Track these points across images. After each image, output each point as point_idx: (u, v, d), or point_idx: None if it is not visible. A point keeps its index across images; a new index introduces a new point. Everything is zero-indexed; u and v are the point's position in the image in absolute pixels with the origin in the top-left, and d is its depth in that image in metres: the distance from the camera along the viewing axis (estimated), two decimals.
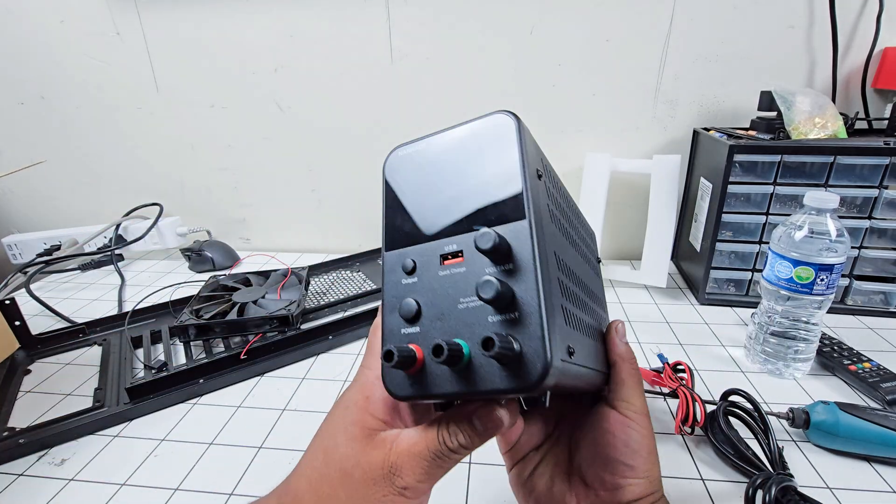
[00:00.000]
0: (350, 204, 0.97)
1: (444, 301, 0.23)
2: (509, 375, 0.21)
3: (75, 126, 0.97)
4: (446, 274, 0.24)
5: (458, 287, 0.23)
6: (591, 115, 0.83)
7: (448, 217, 0.25)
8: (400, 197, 0.27)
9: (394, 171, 0.27)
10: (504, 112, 0.24)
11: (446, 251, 0.24)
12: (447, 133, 0.26)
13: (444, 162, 0.26)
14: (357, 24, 0.82)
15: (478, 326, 0.22)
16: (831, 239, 0.49)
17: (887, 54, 0.72)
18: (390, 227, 0.27)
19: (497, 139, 0.24)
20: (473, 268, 0.23)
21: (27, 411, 0.53)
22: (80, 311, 0.76)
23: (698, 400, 0.46)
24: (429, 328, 0.23)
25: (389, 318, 0.25)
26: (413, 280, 0.25)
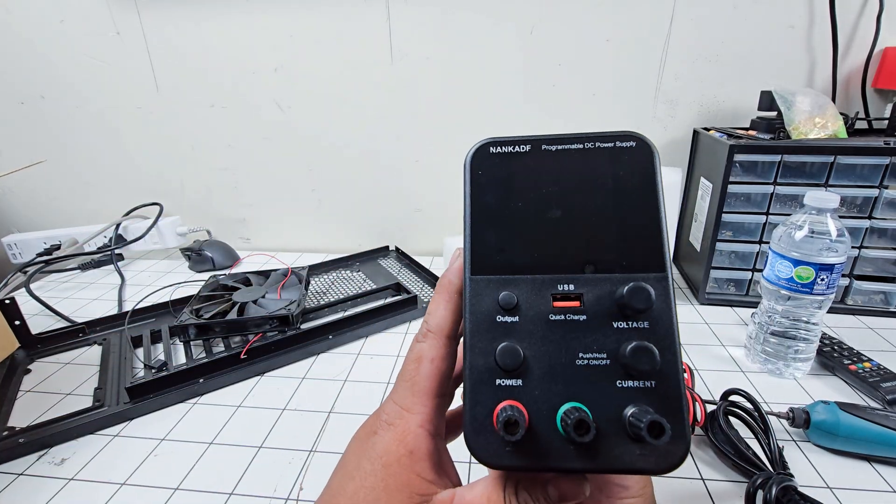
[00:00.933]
0: (350, 204, 0.97)
1: (557, 353, 0.20)
2: (647, 455, 0.18)
3: (75, 126, 0.97)
4: (559, 319, 0.20)
5: (574, 338, 0.20)
6: (591, 115, 0.83)
7: (563, 249, 0.21)
8: (494, 208, 0.22)
9: (485, 171, 0.22)
10: (641, 137, 0.21)
11: (560, 291, 0.20)
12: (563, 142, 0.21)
13: (559, 177, 0.21)
14: (357, 24, 0.82)
15: (603, 391, 0.19)
16: (831, 239, 0.49)
17: (887, 54, 0.72)
18: (480, 244, 0.22)
19: (634, 169, 0.21)
20: (597, 318, 0.20)
21: (27, 411, 0.53)
22: (79, 311, 0.76)
23: (698, 400, 0.45)
24: (535, 385, 0.20)
25: (477, 361, 0.20)
26: (513, 320, 0.20)
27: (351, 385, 0.56)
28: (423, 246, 0.94)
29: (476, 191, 0.22)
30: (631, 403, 0.19)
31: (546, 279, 0.21)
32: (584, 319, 0.20)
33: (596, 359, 0.19)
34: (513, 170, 0.22)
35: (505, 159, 0.22)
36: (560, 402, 0.19)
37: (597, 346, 0.19)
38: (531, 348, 0.20)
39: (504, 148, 0.22)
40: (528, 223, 0.21)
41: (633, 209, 0.20)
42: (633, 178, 0.21)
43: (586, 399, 0.19)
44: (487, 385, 0.20)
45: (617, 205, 0.21)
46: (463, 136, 0.87)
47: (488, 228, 0.22)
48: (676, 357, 0.19)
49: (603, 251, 0.20)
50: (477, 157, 0.23)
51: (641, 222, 0.20)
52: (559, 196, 0.21)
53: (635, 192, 0.21)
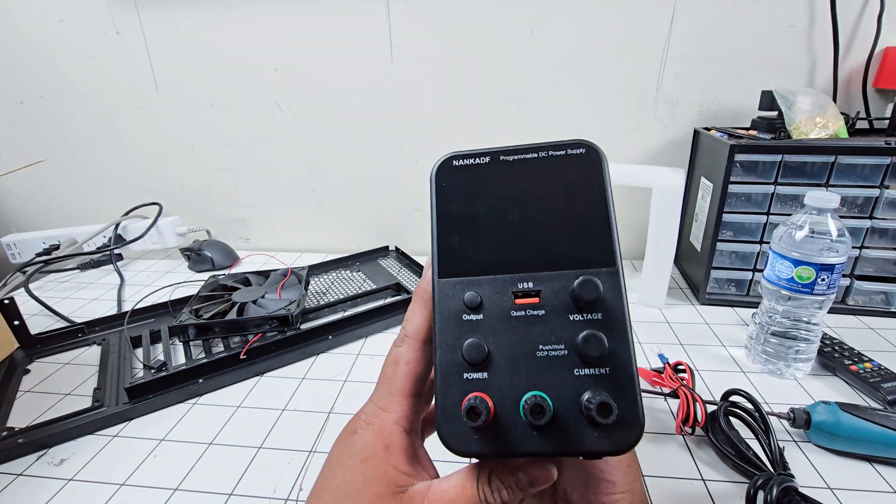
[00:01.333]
0: (350, 204, 0.97)
1: (519, 346, 0.21)
2: (604, 437, 0.20)
3: (74, 125, 0.97)
4: (520, 315, 0.21)
5: (534, 332, 0.21)
6: (591, 115, 0.83)
7: (521, 250, 0.22)
8: (457, 215, 0.23)
9: (449, 183, 0.24)
10: (589, 144, 0.23)
11: (521, 288, 0.22)
12: (518, 152, 0.23)
13: (516, 184, 0.23)
14: (357, 23, 0.82)
15: (562, 379, 0.20)
16: (832, 239, 0.49)
17: (888, 54, 0.72)
18: (445, 249, 0.23)
19: (584, 173, 0.22)
20: (554, 312, 0.21)
21: (26, 411, 0.53)
22: (79, 311, 0.76)
23: (699, 400, 0.45)
24: (500, 376, 0.21)
25: (446, 357, 0.22)
26: (478, 317, 0.22)
27: (351, 385, 0.56)
28: (423, 246, 0.94)
29: (441, 201, 0.24)
30: (587, 389, 0.20)
31: (507, 278, 0.22)
32: (542, 314, 0.21)
33: (555, 349, 0.21)
34: (474, 180, 0.24)
35: (467, 171, 0.24)
36: (522, 392, 0.20)
37: (555, 338, 0.21)
38: (495, 343, 0.21)
39: (466, 161, 0.24)
40: (489, 228, 0.23)
41: (584, 210, 0.22)
42: (584, 182, 0.22)
43: (547, 387, 0.20)
44: (456, 378, 0.21)
45: (569, 207, 0.22)
46: (463, 135, 0.87)
47: (453, 235, 0.23)
48: (628, 344, 0.20)
49: (558, 250, 0.22)
50: (441, 170, 0.24)
51: (592, 221, 0.22)
52: (516, 202, 0.23)
53: (586, 195, 0.22)
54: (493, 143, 0.81)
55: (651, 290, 0.70)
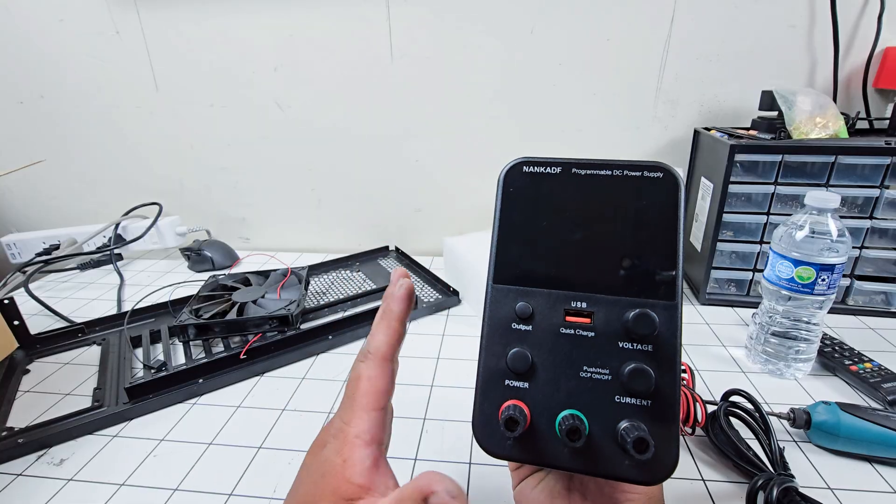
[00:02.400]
0: (350, 204, 0.97)
1: (563, 363, 0.21)
2: (635, 467, 0.20)
3: (74, 125, 0.96)
4: (569, 333, 0.22)
5: (581, 352, 0.21)
6: (591, 115, 0.83)
7: (580, 268, 0.22)
8: (520, 223, 0.23)
9: (516, 188, 0.23)
10: (669, 168, 0.22)
11: (573, 306, 0.22)
12: (593, 167, 0.23)
13: (585, 200, 0.22)
14: (357, 23, 0.82)
15: (602, 403, 0.21)
16: (832, 239, 0.49)
17: (888, 54, 0.72)
18: (503, 255, 0.23)
19: (658, 200, 0.22)
20: (605, 336, 0.21)
21: (26, 411, 0.53)
22: (79, 311, 0.76)
23: (699, 400, 0.45)
24: (540, 389, 0.21)
25: (491, 362, 0.22)
26: (527, 328, 0.22)
27: None
28: (423, 246, 0.94)
29: (506, 206, 0.23)
30: (626, 418, 0.20)
31: (561, 294, 0.22)
32: (592, 336, 0.21)
33: (599, 373, 0.21)
34: (542, 189, 0.23)
35: (536, 179, 0.23)
36: (561, 408, 0.21)
37: (601, 362, 0.21)
38: (540, 356, 0.22)
39: (536, 168, 0.23)
40: (551, 241, 0.23)
41: (652, 239, 0.22)
42: (656, 209, 0.22)
43: (585, 408, 0.21)
44: (497, 384, 0.22)
45: (637, 233, 0.22)
46: (463, 135, 0.87)
47: (513, 242, 0.23)
48: (675, 381, 0.20)
49: (618, 275, 0.22)
50: (510, 174, 0.24)
51: (658, 252, 0.21)
52: (583, 218, 0.22)
53: (656, 223, 0.22)
54: (494, 143, 0.81)
55: None
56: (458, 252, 0.76)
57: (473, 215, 0.93)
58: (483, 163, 0.89)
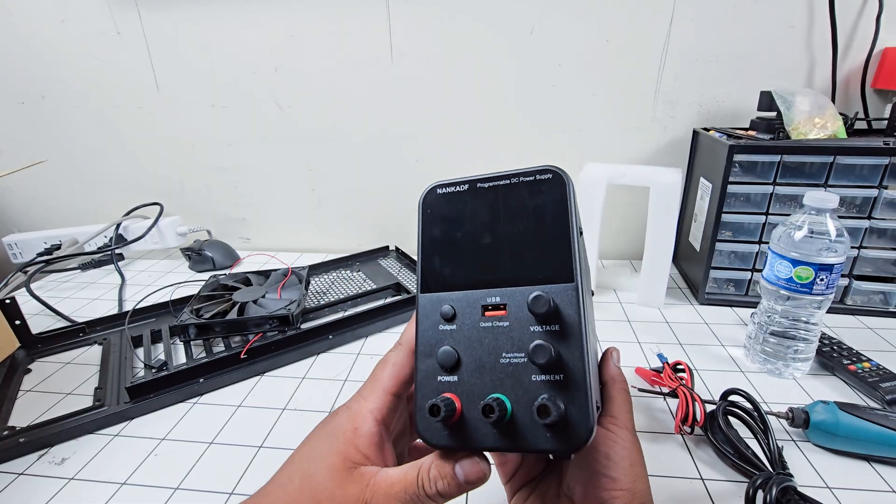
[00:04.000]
0: (350, 204, 0.97)
1: (485, 353, 0.23)
2: (555, 437, 0.21)
3: (75, 126, 0.97)
4: (488, 326, 0.24)
5: (500, 341, 0.23)
6: (590, 116, 0.83)
7: (491, 268, 0.24)
8: (438, 238, 0.26)
9: (433, 209, 0.26)
10: (556, 170, 0.24)
11: (489, 302, 0.24)
12: (493, 180, 0.25)
13: (490, 209, 0.25)
14: (357, 24, 0.82)
15: (521, 384, 0.22)
16: (831, 239, 0.49)
17: (887, 54, 0.72)
18: (427, 267, 0.26)
19: (549, 197, 0.24)
20: (517, 323, 0.23)
21: (27, 410, 0.53)
22: (80, 311, 0.76)
23: (698, 400, 0.46)
24: (468, 379, 0.23)
25: (424, 362, 0.25)
26: (452, 327, 0.24)
27: (351, 385, 0.56)
28: None
29: (426, 225, 0.26)
30: (542, 394, 0.22)
31: (479, 294, 0.24)
32: (507, 325, 0.23)
33: (516, 357, 0.23)
34: (454, 206, 0.26)
35: (448, 198, 0.26)
36: (486, 394, 0.23)
37: (516, 347, 0.23)
38: (465, 350, 0.24)
39: (448, 189, 0.26)
40: (465, 248, 0.25)
41: (547, 230, 0.24)
42: (548, 205, 0.24)
43: (508, 391, 0.22)
44: (431, 381, 0.24)
45: (535, 228, 0.24)
46: (463, 135, 0.88)
47: (434, 255, 0.26)
48: (582, 353, 0.22)
49: (524, 268, 0.24)
50: (427, 197, 0.27)
51: (553, 241, 0.24)
52: (490, 224, 0.25)
53: (549, 216, 0.24)
54: (493, 143, 0.82)
55: (650, 290, 0.71)
56: None
57: None
58: (483, 163, 0.89)
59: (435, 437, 0.23)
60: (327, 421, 0.27)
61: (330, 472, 0.24)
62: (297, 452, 0.26)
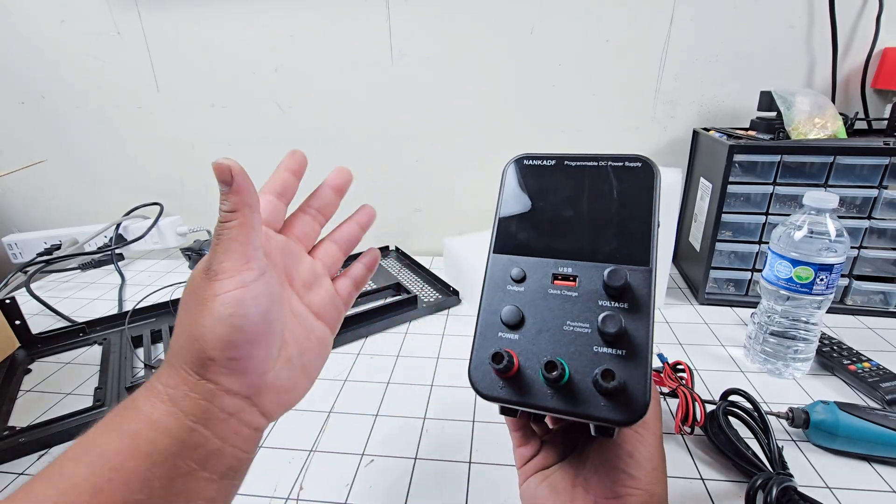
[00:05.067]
0: (350, 204, 0.97)
1: (550, 318, 0.24)
2: (609, 406, 0.22)
3: (75, 125, 0.97)
4: (556, 293, 0.25)
5: (566, 309, 0.24)
6: (590, 116, 0.83)
7: (568, 241, 0.25)
8: (519, 204, 0.27)
9: (517, 177, 0.28)
10: (646, 159, 0.25)
11: (560, 272, 0.25)
12: (582, 160, 0.26)
13: (575, 186, 0.26)
14: (357, 24, 0.82)
15: (582, 352, 0.23)
16: (831, 239, 0.49)
17: (887, 54, 0.72)
18: (504, 230, 0.27)
19: (637, 183, 0.25)
20: (587, 295, 0.24)
21: (27, 410, 0.53)
22: (80, 311, 0.76)
23: (698, 400, 0.46)
24: (528, 339, 0.24)
25: (487, 317, 0.25)
26: (520, 289, 0.25)
27: (351, 385, 0.56)
28: (423, 246, 0.94)
29: (508, 190, 0.27)
30: (603, 364, 0.22)
31: (551, 262, 0.25)
32: (576, 295, 0.24)
33: (581, 327, 0.24)
34: (538, 178, 0.27)
35: (534, 170, 0.27)
36: (546, 356, 0.23)
37: (583, 318, 0.24)
38: (530, 312, 0.25)
39: (535, 161, 0.27)
40: (545, 218, 0.26)
41: (630, 215, 0.25)
42: (634, 191, 0.25)
43: (567, 356, 0.23)
44: (492, 334, 0.25)
45: (618, 210, 0.25)
46: (463, 135, 0.88)
47: (512, 220, 0.27)
48: (647, 333, 0.23)
49: (601, 245, 0.25)
50: (514, 165, 0.28)
51: (635, 226, 0.25)
52: (573, 200, 0.26)
53: (634, 202, 0.25)
54: (493, 143, 0.82)
55: None
56: (457, 252, 0.76)
57: (473, 216, 0.93)
58: (483, 163, 0.89)
59: (490, 389, 0.24)
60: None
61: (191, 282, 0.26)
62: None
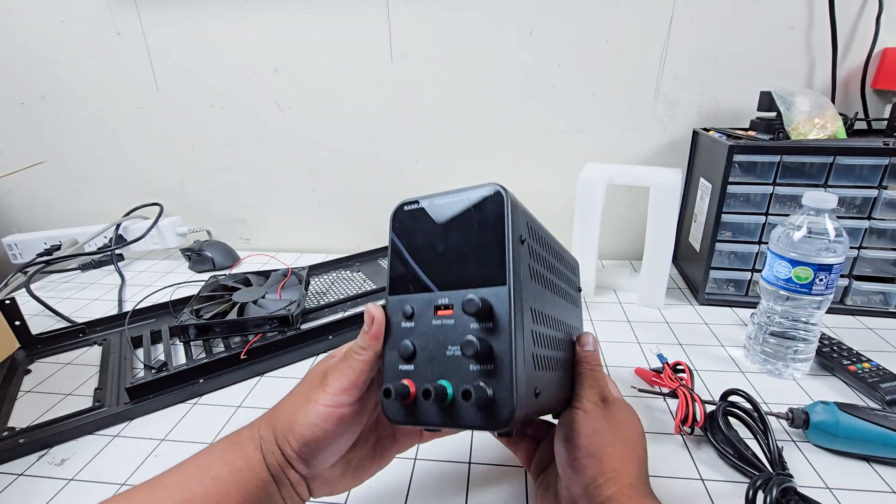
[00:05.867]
0: (350, 204, 0.97)
1: (435, 346, 0.28)
2: (483, 416, 0.25)
3: (75, 126, 0.97)
4: (438, 324, 0.28)
5: (447, 336, 0.27)
6: (590, 116, 0.83)
7: (442, 274, 0.29)
8: (403, 249, 0.30)
9: (399, 225, 0.31)
10: (496, 186, 0.28)
11: (439, 303, 0.28)
12: (447, 197, 0.29)
13: (442, 223, 0.29)
14: (357, 24, 0.82)
15: (461, 372, 0.26)
16: (830, 239, 0.49)
17: (886, 55, 0.72)
18: (394, 274, 0.30)
19: (489, 211, 0.27)
20: (460, 321, 0.27)
21: (27, 411, 0.53)
22: (80, 311, 0.76)
23: (698, 400, 0.46)
24: (421, 368, 0.28)
25: (389, 353, 0.29)
26: (411, 325, 0.29)
27: None
28: None
29: (393, 237, 0.30)
30: (478, 381, 0.26)
31: (432, 296, 0.29)
32: (452, 323, 0.27)
33: (458, 350, 0.27)
34: (415, 221, 0.30)
35: (411, 213, 0.30)
36: (434, 380, 0.27)
37: (457, 341, 0.27)
38: (420, 344, 0.28)
39: (410, 206, 0.30)
40: (423, 257, 0.29)
41: (486, 239, 0.27)
42: (489, 217, 0.27)
43: (451, 378, 0.27)
44: (394, 368, 0.29)
45: (476, 238, 0.28)
46: (462, 136, 0.88)
47: (399, 263, 0.30)
48: (510, 346, 0.25)
49: (467, 273, 0.28)
50: (395, 214, 0.31)
51: (490, 249, 0.27)
52: (443, 235, 0.29)
53: (489, 226, 0.27)
54: (493, 144, 0.82)
55: (650, 290, 0.71)
56: None
57: None
58: (483, 163, 0.89)
59: (393, 414, 0.28)
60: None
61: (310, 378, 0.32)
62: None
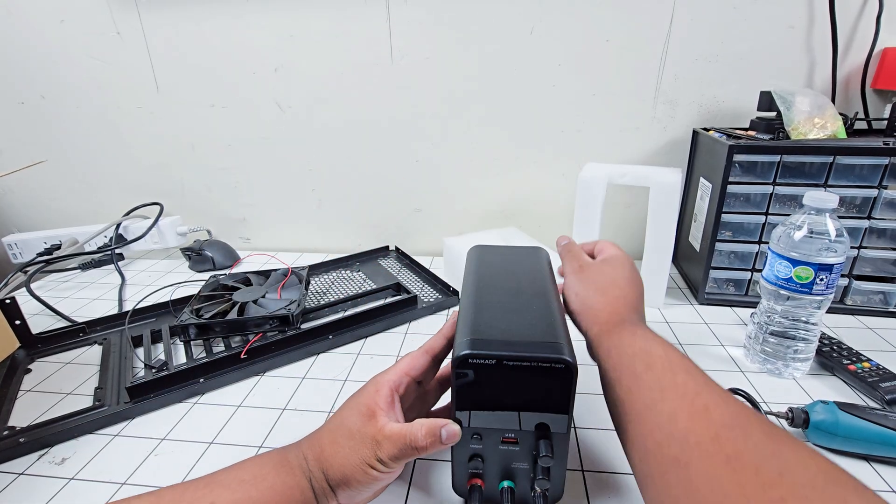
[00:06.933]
0: (350, 204, 0.97)
1: (502, 460, 0.36)
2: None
3: (75, 126, 0.97)
4: (505, 449, 0.36)
5: (513, 455, 0.36)
6: (590, 116, 0.83)
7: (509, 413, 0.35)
8: (471, 390, 0.34)
9: (467, 370, 0.34)
10: (567, 361, 0.32)
11: (506, 436, 0.35)
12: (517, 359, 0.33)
13: (514, 381, 0.33)
14: (357, 24, 0.82)
15: (522, 477, 0.37)
16: (830, 239, 0.49)
17: (887, 54, 0.72)
18: (462, 404, 0.35)
19: (556, 379, 0.33)
20: (525, 449, 0.36)
21: (27, 410, 0.53)
22: (80, 311, 0.76)
23: None
24: (488, 470, 0.37)
25: (460, 452, 0.37)
26: (479, 446, 0.36)
27: (351, 385, 0.56)
28: (423, 246, 0.94)
29: (461, 383, 0.34)
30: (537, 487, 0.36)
31: (499, 429, 0.36)
32: (518, 450, 0.36)
33: (522, 465, 0.36)
34: (485, 370, 0.33)
35: (478, 367, 0.33)
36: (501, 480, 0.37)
37: (523, 459, 0.36)
38: (488, 457, 0.37)
39: (478, 360, 0.33)
40: (490, 400, 0.35)
41: (552, 398, 0.34)
42: (555, 384, 0.33)
43: (514, 479, 0.37)
44: (464, 466, 0.37)
45: (545, 396, 0.34)
46: (462, 135, 0.88)
47: (466, 400, 0.35)
48: (563, 470, 0.37)
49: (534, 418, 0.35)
50: (461, 362, 0.33)
51: (555, 399, 0.34)
52: (511, 391, 0.34)
53: (555, 390, 0.33)
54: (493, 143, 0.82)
55: (650, 290, 0.70)
56: (458, 252, 0.76)
57: (473, 215, 0.93)
58: (483, 163, 0.89)
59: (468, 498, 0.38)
60: (358, 390, 0.37)
61: (358, 416, 0.34)
62: (341, 406, 0.37)
